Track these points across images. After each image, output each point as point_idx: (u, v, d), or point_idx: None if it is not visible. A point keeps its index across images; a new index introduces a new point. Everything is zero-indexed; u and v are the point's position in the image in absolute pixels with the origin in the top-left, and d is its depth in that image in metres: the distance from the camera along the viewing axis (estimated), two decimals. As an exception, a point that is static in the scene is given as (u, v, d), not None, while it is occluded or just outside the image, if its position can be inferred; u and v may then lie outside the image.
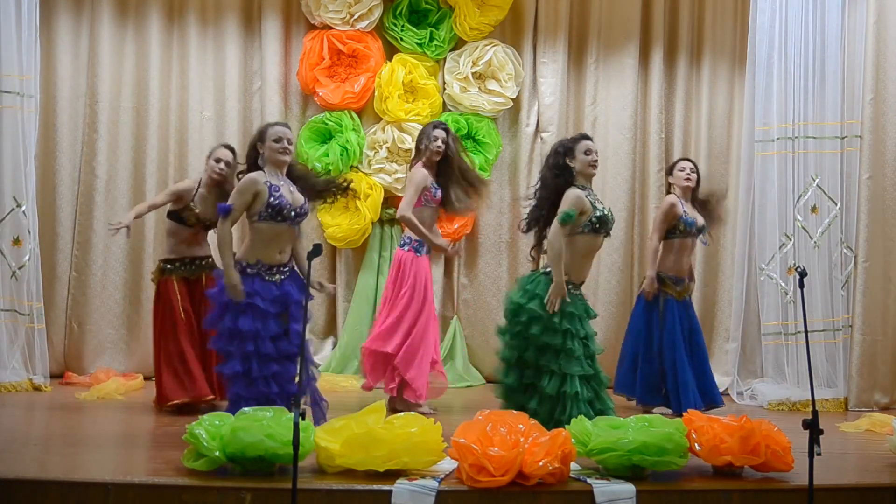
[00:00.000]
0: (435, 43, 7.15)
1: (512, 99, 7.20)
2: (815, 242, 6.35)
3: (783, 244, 6.39)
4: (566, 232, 4.62)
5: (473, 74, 7.18)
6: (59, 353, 6.64)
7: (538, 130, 7.29)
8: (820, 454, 3.48)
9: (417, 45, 7.12)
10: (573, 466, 3.85)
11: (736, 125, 7.29)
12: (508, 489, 3.61)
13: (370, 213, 6.99)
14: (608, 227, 4.76)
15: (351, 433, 3.74)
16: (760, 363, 6.65)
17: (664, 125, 7.35)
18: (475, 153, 7.13)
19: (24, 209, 6.04)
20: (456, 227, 7.01)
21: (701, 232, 5.89)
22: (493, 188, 7.27)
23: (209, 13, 7.05)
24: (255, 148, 4.59)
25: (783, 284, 6.38)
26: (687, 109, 7.43)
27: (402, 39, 7.12)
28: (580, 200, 4.64)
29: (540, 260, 4.95)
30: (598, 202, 4.74)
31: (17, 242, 6.03)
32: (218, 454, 3.62)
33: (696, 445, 3.93)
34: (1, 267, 5.98)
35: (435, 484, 3.60)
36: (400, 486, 3.57)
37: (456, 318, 7.24)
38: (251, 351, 4.36)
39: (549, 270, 4.62)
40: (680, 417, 4.13)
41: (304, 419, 3.30)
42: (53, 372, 6.36)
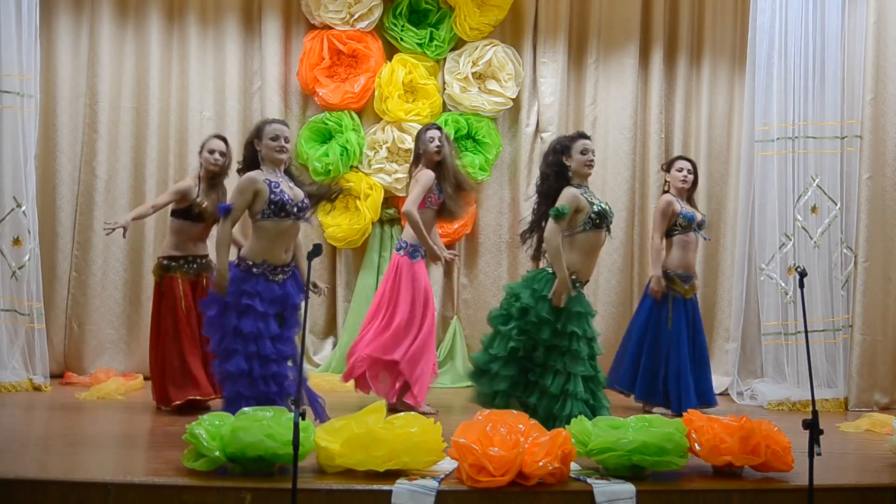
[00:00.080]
0: (435, 43, 7.15)
1: (512, 99, 7.20)
2: (815, 242, 6.35)
3: (783, 244, 6.39)
4: (562, 228, 4.62)
5: (473, 74, 7.18)
6: (59, 353, 6.64)
7: (538, 130, 7.29)
8: (820, 454, 3.47)
9: (417, 45, 7.12)
10: (573, 466, 3.85)
11: (736, 125, 7.30)
12: (508, 489, 3.60)
13: (370, 213, 6.99)
14: (608, 220, 4.76)
15: (351, 433, 3.73)
16: (760, 363, 6.65)
17: (664, 125, 7.36)
18: (475, 153, 7.13)
19: (24, 209, 6.03)
20: (456, 227, 7.00)
21: (701, 226, 5.89)
22: (493, 188, 7.29)
23: (209, 13, 7.05)
24: (252, 145, 4.59)
25: (783, 284, 6.38)
26: (687, 109, 7.44)
27: (402, 39, 7.12)
28: (575, 198, 4.65)
29: (540, 262, 4.95)
30: (594, 198, 4.75)
31: (17, 242, 6.02)
32: (218, 454, 3.62)
33: (696, 445, 3.93)
34: (1, 267, 5.98)
35: (435, 484, 3.60)
36: (400, 486, 3.57)
37: (456, 318, 7.23)
38: (253, 351, 4.37)
39: (555, 271, 4.62)
40: (680, 417, 4.14)
41: (304, 419, 3.30)
42: (53, 372, 6.36)
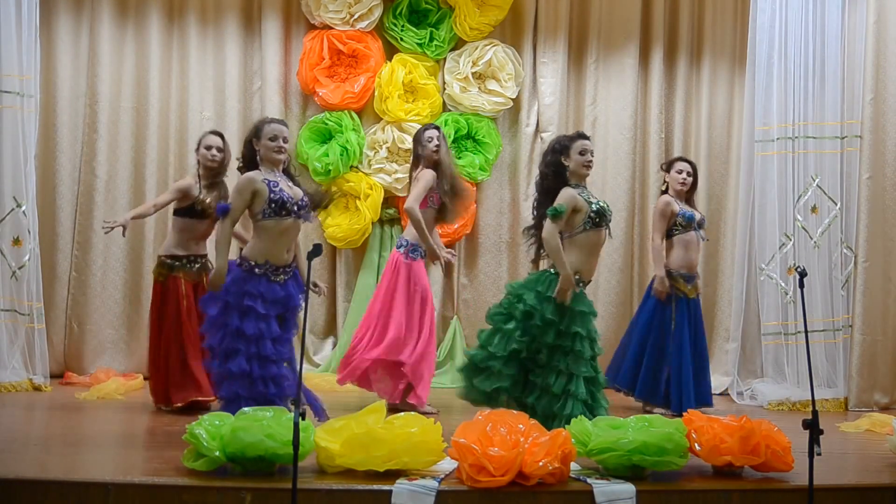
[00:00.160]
0: (435, 43, 7.15)
1: (512, 99, 7.20)
2: (815, 242, 6.35)
3: (783, 244, 6.39)
4: (560, 227, 4.63)
5: (473, 74, 7.18)
6: (59, 353, 6.64)
7: (538, 130, 7.29)
8: (820, 454, 3.47)
9: (417, 45, 7.12)
10: (573, 466, 3.85)
11: (736, 125, 7.30)
12: (508, 489, 3.60)
13: (370, 213, 6.98)
14: (607, 219, 4.76)
15: (351, 433, 3.73)
16: (760, 363, 6.65)
17: (664, 125, 7.36)
18: (475, 153, 7.13)
19: (24, 209, 6.03)
20: (456, 227, 7.00)
21: (701, 225, 5.89)
22: (493, 188, 7.29)
23: (209, 13, 7.05)
24: (251, 144, 4.59)
25: (783, 284, 6.38)
26: (687, 109, 7.44)
27: (402, 39, 7.12)
28: (573, 199, 4.65)
29: (541, 264, 4.95)
30: (592, 197, 4.75)
31: (17, 242, 6.02)
32: (218, 454, 3.62)
33: (696, 445, 3.93)
34: (1, 267, 5.98)
35: (435, 484, 3.60)
36: (400, 486, 3.57)
37: (456, 318, 7.23)
38: (254, 353, 4.37)
39: (558, 271, 4.63)
40: (679, 417, 4.14)
41: (304, 419, 3.30)
42: (53, 372, 6.35)
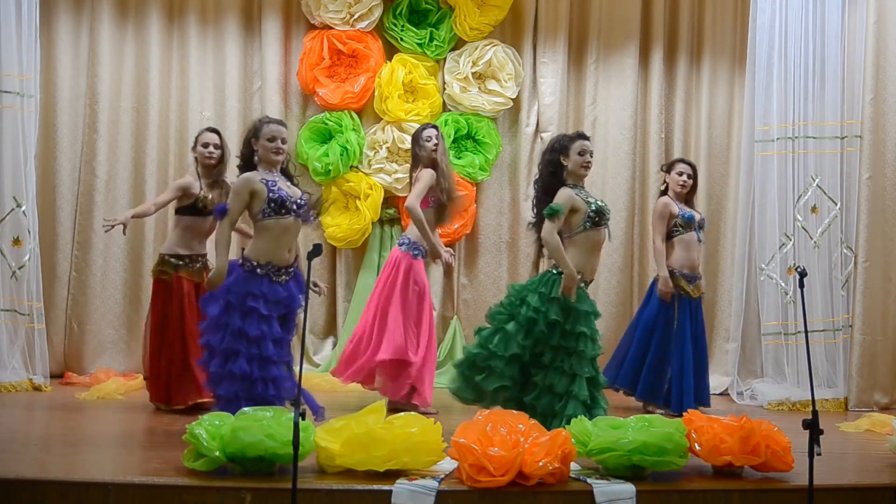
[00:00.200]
0: (435, 43, 7.15)
1: (512, 99, 7.20)
2: (815, 242, 6.35)
3: (783, 244, 6.39)
4: (558, 226, 4.63)
5: (473, 74, 7.18)
6: (59, 353, 6.64)
7: (538, 130, 7.29)
8: (820, 454, 3.47)
9: (417, 45, 7.12)
10: (573, 466, 3.85)
11: (736, 125, 7.30)
12: (508, 489, 3.60)
13: (370, 213, 6.98)
14: (606, 217, 4.78)
15: (351, 433, 3.73)
16: (760, 363, 6.65)
17: (664, 125, 7.36)
18: (475, 153, 7.13)
19: (24, 209, 6.03)
20: (456, 227, 7.00)
21: (701, 226, 5.90)
22: (493, 188, 7.30)
23: (209, 13, 7.05)
24: (249, 144, 4.58)
25: (783, 284, 6.38)
26: (687, 109, 7.44)
27: (402, 39, 7.12)
28: (570, 199, 4.67)
29: (541, 264, 4.96)
30: (589, 197, 4.76)
31: (17, 242, 6.02)
32: (218, 454, 3.62)
33: (696, 445, 3.93)
34: (1, 267, 5.98)
35: (435, 484, 3.60)
36: (400, 486, 3.57)
37: (456, 318, 7.23)
38: (255, 354, 4.36)
39: (560, 270, 4.64)
40: (679, 417, 4.14)
41: (304, 419, 3.30)
42: (53, 372, 6.35)
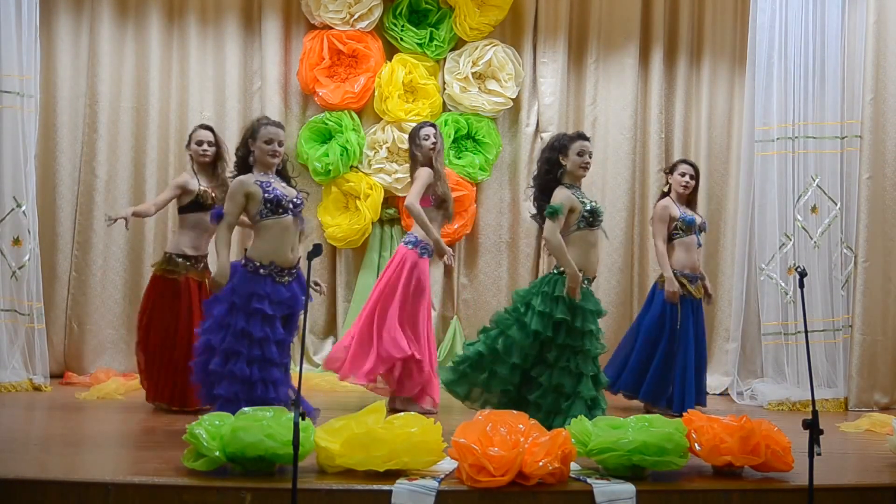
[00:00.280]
0: (435, 43, 7.15)
1: (512, 99, 7.20)
2: (815, 242, 6.35)
3: (783, 244, 6.39)
4: (560, 225, 4.65)
5: (473, 74, 7.18)
6: (59, 353, 6.64)
7: (538, 130, 7.29)
8: (820, 454, 3.47)
9: (417, 45, 7.12)
10: (573, 466, 3.85)
11: (736, 125, 7.30)
12: (508, 489, 3.60)
13: (370, 213, 6.98)
14: (600, 218, 4.82)
15: (351, 433, 3.73)
16: (760, 363, 6.65)
17: (664, 125, 7.36)
18: (475, 153, 7.13)
19: (24, 209, 6.03)
20: (456, 227, 7.00)
21: (703, 229, 5.91)
22: (493, 188, 7.30)
23: (209, 13, 7.05)
24: (246, 144, 4.57)
25: (783, 284, 6.38)
26: (687, 109, 7.44)
27: (402, 39, 7.12)
28: (568, 199, 4.70)
29: (540, 262, 4.97)
30: (584, 197, 4.79)
31: (17, 242, 6.02)
32: (218, 454, 3.62)
33: (696, 445, 3.93)
34: (1, 267, 5.97)
35: (435, 484, 3.60)
36: (400, 486, 3.57)
37: (456, 318, 7.23)
38: (257, 355, 4.36)
39: (562, 270, 4.64)
40: (680, 417, 4.14)
41: (304, 419, 3.30)
42: (53, 372, 6.35)
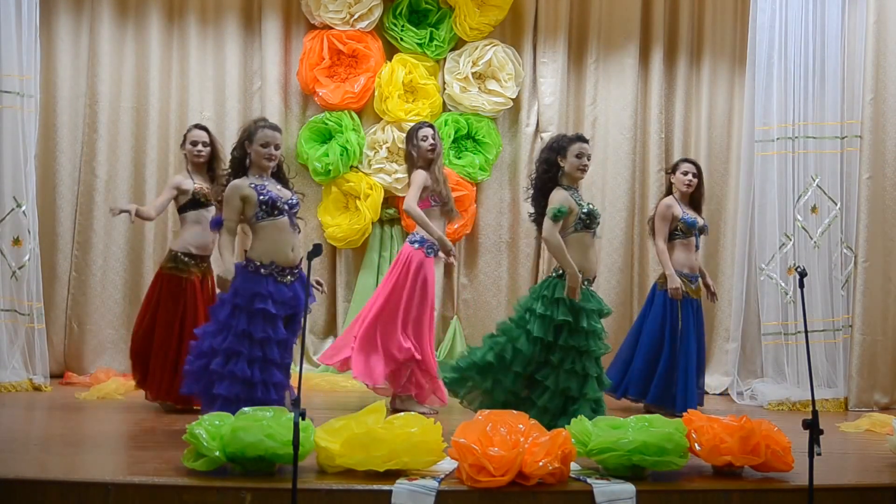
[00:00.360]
0: (435, 43, 7.15)
1: (512, 99, 7.20)
2: (815, 242, 6.35)
3: (783, 244, 6.39)
4: (560, 228, 4.66)
5: (473, 74, 7.18)
6: (59, 353, 6.64)
7: (538, 130, 7.29)
8: (820, 454, 3.47)
9: (417, 45, 7.12)
10: (573, 466, 3.85)
11: (736, 125, 7.30)
12: (508, 489, 3.60)
13: (370, 213, 6.98)
14: (597, 221, 4.82)
15: (351, 433, 3.73)
16: (760, 363, 6.65)
17: (664, 125, 7.36)
18: (475, 153, 7.13)
19: (24, 209, 6.03)
20: (456, 226, 7.00)
21: (703, 231, 5.91)
22: (493, 188, 7.30)
23: (209, 13, 7.05)
24: (243, 146, 4.56)
25: (783, 284, 6.38)
26: (687, 109, 7.44)
27: (402, 39, 7.12)
28: (567, 200, 4.70)
29: (540, 262, 4.97)
30: (581, 200, 4.79)
31: (17, 242, 6.02)
32: (218, 454, 3.62)
33: (696, 445, 3.93)
34: (1, 267, 5.98)
35: (435, 484, 3.60)
36: (400, 486, 3.57)
37: (456, 318, 7.24)
38: (258, 356, 4.35)
39: (561, 272, 4.65)
40: (680, 417, 4.14)
41: (304, 419, 3.30)
42: (53, 372, 6.36)
